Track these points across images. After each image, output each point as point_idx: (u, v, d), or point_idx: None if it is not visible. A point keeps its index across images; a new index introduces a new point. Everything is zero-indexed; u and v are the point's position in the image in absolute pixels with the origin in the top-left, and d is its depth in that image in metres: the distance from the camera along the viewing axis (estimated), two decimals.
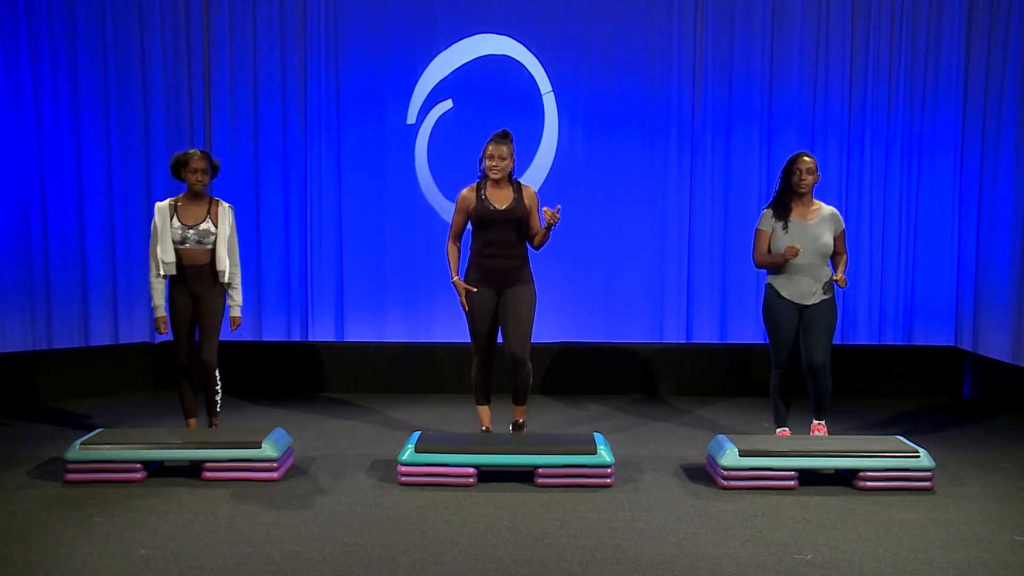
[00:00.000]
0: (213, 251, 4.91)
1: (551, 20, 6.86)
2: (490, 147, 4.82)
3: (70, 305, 6.63)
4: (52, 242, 6.55)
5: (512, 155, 4.84)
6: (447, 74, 6.89)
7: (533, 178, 6.80)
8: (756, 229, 5.02)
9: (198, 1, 6.78)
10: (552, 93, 6.90)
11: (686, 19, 6.83)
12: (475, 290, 4.87)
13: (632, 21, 6.83)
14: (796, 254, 4.78)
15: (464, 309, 4.92)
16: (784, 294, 4.92)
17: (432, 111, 6.91)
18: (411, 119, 6.93)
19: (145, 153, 6.79)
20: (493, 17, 6.87)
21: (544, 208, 4.77)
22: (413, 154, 6.95)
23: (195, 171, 4.87)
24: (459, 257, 5.01)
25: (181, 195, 4.97)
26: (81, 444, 4.44)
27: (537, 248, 4.94)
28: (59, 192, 6.57)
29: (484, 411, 5.09)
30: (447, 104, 6.91)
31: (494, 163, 4.80)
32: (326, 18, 6.84)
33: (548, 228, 4.78)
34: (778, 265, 4.90)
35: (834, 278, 4.83)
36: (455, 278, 4.94)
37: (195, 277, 4.92)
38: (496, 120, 6.66)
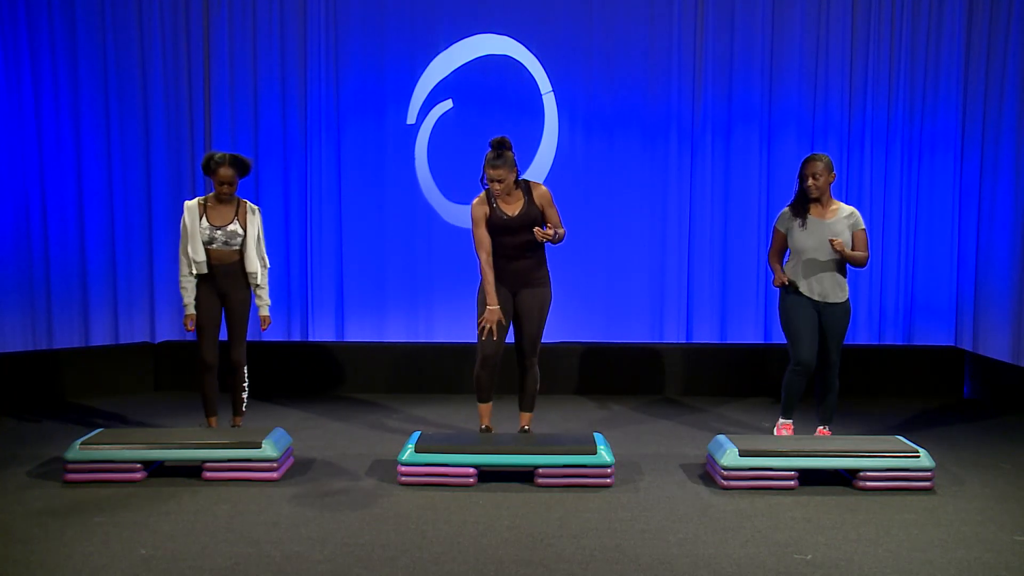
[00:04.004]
0: (241, 252, 4.96)
1: (551, 20, 6.86)
2: (488, 171, 4.73)
3: (70, 305, 6.64)
4: (52, 242, 6.55)
5: (512, 167, 4.75)
6: (447, 74, 6.89)
7: (533, 179, 6.78)
8: (773, 227, 5.12)
9: (198, 1, 6.78)
10: (552, 93, 6.90)
11: (686, 19, 6.83)
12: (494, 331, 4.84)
13: (632, 21, 6.83)
14: (781, 285, 4.99)
15: (479, 325, 4.85)
16: (803, 291, 4.96)
17: (432, 111, 6.91)
18: (411, 119, 6.93)
19: (145, 153, 6.79)
20: (493, 17, 6.87)
21: (536, 229, 4.72)
22: (413, 154, 6.95)
23: (222, 183, 4.88)
24: (493, 273, 4.85)
25: (210, 195, 4.99)
26: (81, 444, 4.43)
27: (555, 244, 4.89)
28: (59, 192, 6.57)
29: (485, 408, 5.05)
30: (447, 104, 6.91)
31: (495, 186, 4.75)
32: (326, 18, 6.84)
33: (549, 239, 4.75)
34: (775, 278, 5.07)
35: (834, 241, 4.81)
36: (492, 307, 4.81)
37: (223, 276, 4.96)
38: (496, 120, 6.67)
